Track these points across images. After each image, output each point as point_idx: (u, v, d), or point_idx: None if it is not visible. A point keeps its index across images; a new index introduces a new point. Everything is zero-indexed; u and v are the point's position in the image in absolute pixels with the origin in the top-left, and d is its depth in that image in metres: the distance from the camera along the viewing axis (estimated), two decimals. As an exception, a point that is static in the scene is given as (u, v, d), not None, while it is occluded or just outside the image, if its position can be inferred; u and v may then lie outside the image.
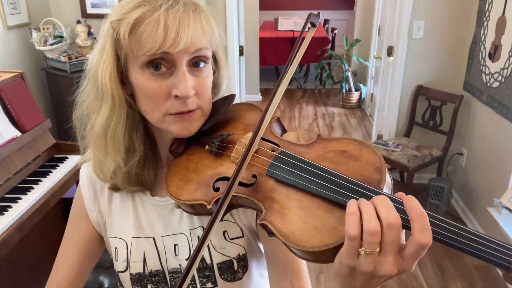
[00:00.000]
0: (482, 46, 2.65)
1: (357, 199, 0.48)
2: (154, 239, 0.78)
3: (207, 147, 0.69)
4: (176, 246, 0.78)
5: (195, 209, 0.66)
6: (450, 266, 2.48)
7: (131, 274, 0.79)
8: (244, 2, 4.05)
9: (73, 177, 2.15)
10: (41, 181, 1.96)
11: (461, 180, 3.01)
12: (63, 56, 2.85)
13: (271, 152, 0.62)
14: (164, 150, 0.77)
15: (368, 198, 0.48)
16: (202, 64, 0.67)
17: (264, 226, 0.55)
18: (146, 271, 0.78)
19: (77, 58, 2.88)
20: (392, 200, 0.48)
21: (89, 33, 3.02)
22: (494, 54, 2.49)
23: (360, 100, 5.40)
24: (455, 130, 2.93)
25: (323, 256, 0.50)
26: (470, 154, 2.88)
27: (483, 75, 2.62)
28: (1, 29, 2.68)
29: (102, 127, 0.69)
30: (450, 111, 2.90)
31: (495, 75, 2.45)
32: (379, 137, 3.48)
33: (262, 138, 0.65)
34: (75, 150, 2.28)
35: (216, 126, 0.73)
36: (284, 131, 0.72)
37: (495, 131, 2.51)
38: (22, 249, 2.05)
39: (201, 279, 0.78)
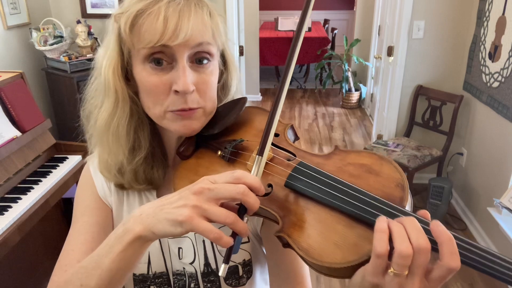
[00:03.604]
0: (482, 46, 2.65)
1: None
2: (160, 240, 0.77)
3: (219, 153, 0.66)
4: (180, 250, 0.77)
5: None
6: (450, 266, 2.48)
7: (134, 274, 0.78)
8: (244, 2, 4.06)
9: (73, 177, 2.14)
10: (41, 181, 1.96)
11: (461, 180, 3.01)
12: (63, 56, 2.85)
13: (287, 162, 0.60)
14: (171, 150, 0.76)
15: (393, 216, 0.48)
16: (205, 61, 0.66)
17: (280, 238, 0.54)
18: (150, 272, 0.78)
19: (77, 58, 2.88)
20: (419, 220, 0.47)
21: (89, 33, 3.02)
22: (494, 54, 2.49)
23: (360, 100, 5.40)
24: (455, 130, 2.93)
25: (342, 272, 0.49)
26: (470, 154, 2.88)
27: (483, 75, 2.62)
28: (1, 29, 2.68)
29: (105, 122, 0.69)
30: (450, 111, 2.90)
31: (495, 75, 2.45)
32: (379, 137, 3.48)
33: (277, 146, 0.64)
34: (75, 150, 2.28)
35: (226, 130, 0.71)
36: (296, 138, 0.71)
37: (495, 131, 2.51)
38: (22, 249, 2.05)
39: (205, 284, 0.77)
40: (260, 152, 0.56)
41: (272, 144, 0.64)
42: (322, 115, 5.17)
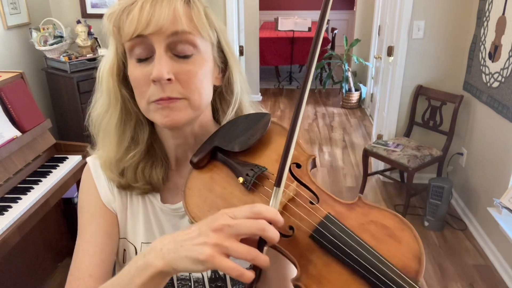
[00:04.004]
0: (482, 46, 2.65)
1: None
2: None
3: (241, 179, 0.62)
4: (157, 240, 0.77)
5: None
6: (450, 266, 2.48)
7: None
8: (244, 2, 4.06)
9: (73, 177, 2.14)
10: (41, 181, 1.96)
11: (461, 180, 3.01)
12: (63, 56, 2.86)
13: (310, 205, 0.59)
14: (170, 151, 0.76)
15: None
16: (188, 52, 0.64)
17: (296, 286, 0.54)
18: None
19: (77, 58, 2.88)
20: None
21: (89, 33, 3.02)
22: (494, 54, 2.49)
23: (360, 100, 5.40)
24: (455, 130, 2.93)
25: None
26: (470, 154, 2.88)
27: (483, 75, 2.62)
28: (1, 29, 2.68)
29: (100, 119, 0.72)
30: (450, 111, 2.90)
31: (495, 75, 2.45)
32: (379, 137, 3.48)
33: (299, 181, 0.63)
34: (75, 150, 2.28)
35: (246, 150, 0.67)
36: (314, 166, 0.69)
37: (495, 131, 2.51)
38: (22, 249, 2.05)
39: (211, 285, 0.77)
40: (278, 184, 0.55)
41: (293, 176, 0.63)
42: (322, 115, 5.17)
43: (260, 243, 0.52)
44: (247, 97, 0.79)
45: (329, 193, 0.62)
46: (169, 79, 0.63)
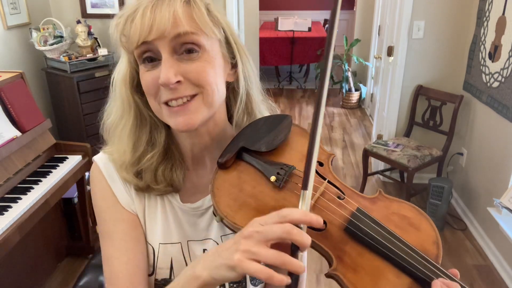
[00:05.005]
0: (482, 46, 2.65)
1: (429, 275, 0.56)
2: (181, 244, 0.77)
3: (274, 178, 0.65)
4: (205, 252, 0.77)
5: None
6: (450, 266, 2.48)
7: (156, 280, 0.77)
8: (244, 2, 4.06)
9: (73, 177, 2.15)
10: (41, 181, 1.96)
11: (461, 180, 3.01)
12: (63, 56, 2.86)
13: (338, 200, 0.63)
14: (187, 151, 0.77)
15: (435, 275, 0.57)
16: (193, 51, 0.65)
17: (333, 276, 0.58)
18: (172, 277, 0.77)
19: (77, 58, 2.89)
20: (461, 286, 0.56)
21: (89, 33, 3.02)
22: (494, 54, 2.49)
23: (360, 100, 5.40)
24: (455, 130, 2.93)
25: None
26: (470, 154, 2.88)
27: (483, 75, 2.62)
28: (1, 29, 2.68)
29: (115, 124, 0.74)
30: (450, 111, 2.90)
31: (495, 75, 2.46)
32: (379, 137, 3.48)
33: (325, 179, 0.66)
34: (75, 150, 2.28)
35: (271, 150, 0.70)
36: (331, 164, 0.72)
37: (495, 131, 2.51)
38: (22, 249, 2.05)
39: (231, 285, 0.77)
40: (305, 186, 0.57)
41: (319, 174, 0.66)
42: (322, 115, 5.17)
43: (293, 248, 0.53)
44: (257, 92, 0.79)
45: (352, 188, 0.66)
46: (178, 81, 0.64)
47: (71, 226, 2.54)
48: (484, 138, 2.66)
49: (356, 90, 5.36)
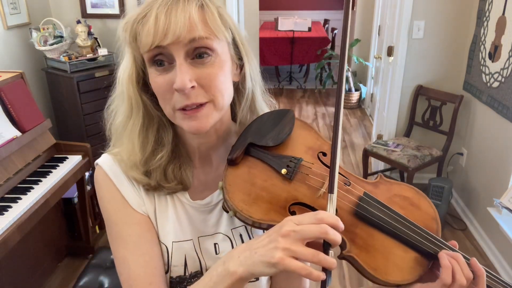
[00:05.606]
0: (482, 46, 2.65)
1: (434, 248, 0.64)
2: (193, 241, 0.78)
3: (284, 171, 0.68)
4: (216, 245, 0.78)
5: (260, 227, 0.66)
6: (450, 266, 2.48)
7: (171, 277, 0.78)
8: (244, 2, 4.06)
9: (73, 177, 2.15)
10: (41, 181, 1.96)
11: (461, 180, 3.01)
12: (63, 56, 2.86)
13: (346, 187, 0.68)
14: (194, 150, 0.78)
15: (439, 247, 0.65)
16: (205, 56, 0.65)
17: (347, 258, 0.63)
18: (187, 273, 0.78)
19: (77, 58, 2.88)
20: (463, 256, 0.64)
21: (89, 33, 3.02)
22: (494, 54, 2.49)
23: (360, 100, 5.40)
24: (455, 130, 2.93)
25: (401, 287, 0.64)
26: (470, 154, 2.88)
27: (483, 75, 2.62)
28: (1, 29, 2.68)
29: (122, 125, 0.74)
30: (450, 111, 2.90)
31: (495, 75, 2.46)
32: (379, 137, 3.48)
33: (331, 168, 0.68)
34: (75, 150, 2.28)
35: (278, 144, 0.72)
36: None
37: (495, 131, 2.51)
38: (22, 249, 2.05)
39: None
40: (331, 190, 0.61)
41: (324, 163, 0.71)
42: (322, 115, 5.17)
43: (325, 246, 0.58)
44: (259, 89, 0.81)
45: (355, 175, 0.71)
46: (192, 87, 0.64)
47: (71, 226, 2.54)
48: (484, 138, 2.66)
49: (356, 90, 5.36)
